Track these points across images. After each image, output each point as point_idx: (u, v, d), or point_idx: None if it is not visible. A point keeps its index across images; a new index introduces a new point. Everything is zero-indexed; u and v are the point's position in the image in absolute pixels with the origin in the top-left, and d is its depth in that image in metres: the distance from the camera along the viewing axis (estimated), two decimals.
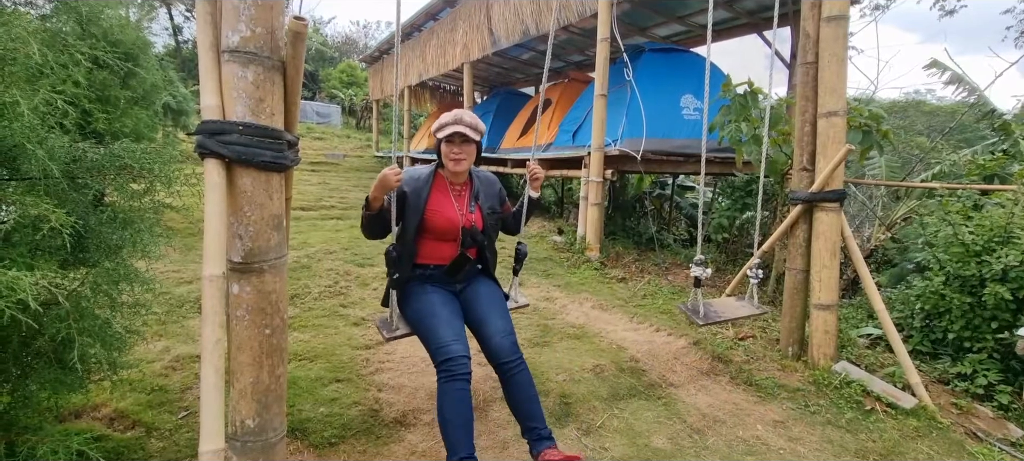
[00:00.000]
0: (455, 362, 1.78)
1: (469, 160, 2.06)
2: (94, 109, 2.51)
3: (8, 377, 1.50)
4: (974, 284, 3.11)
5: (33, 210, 1.25)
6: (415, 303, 2.01)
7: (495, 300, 2.09)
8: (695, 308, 2.60)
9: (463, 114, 2.02)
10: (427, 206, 2.03)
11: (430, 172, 2.10)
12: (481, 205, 2.14)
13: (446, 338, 1.84)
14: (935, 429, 2.55)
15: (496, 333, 1.95)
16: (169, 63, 9.86)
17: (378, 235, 2.05)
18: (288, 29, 1.30)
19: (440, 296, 2.02)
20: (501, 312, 2.05)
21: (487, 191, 2.18)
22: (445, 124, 2.02)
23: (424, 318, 1.94)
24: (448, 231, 2.05)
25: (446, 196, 2.09)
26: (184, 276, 4.09)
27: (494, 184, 2.24)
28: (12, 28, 1.26)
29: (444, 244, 2.07)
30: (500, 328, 1.97)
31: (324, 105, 20.01)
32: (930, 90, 15.31)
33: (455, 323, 1.92)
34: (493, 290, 2.15)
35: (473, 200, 2.13)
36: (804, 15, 3.09)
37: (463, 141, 2.02)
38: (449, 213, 2.06)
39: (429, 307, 1.96)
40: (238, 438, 1.36)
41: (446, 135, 2.01)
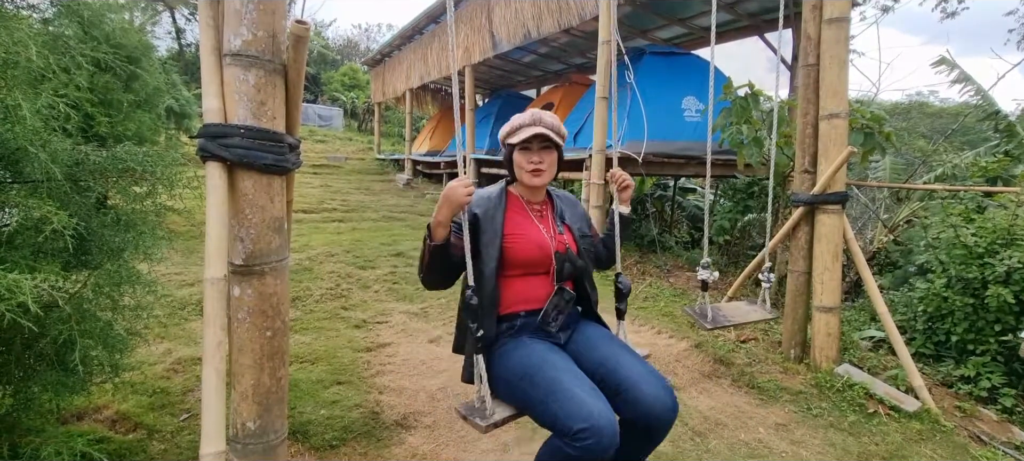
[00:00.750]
0: (598, 431, 1.21)
1: (550, 172, 1.63)
2: (97, 112, 2.52)
3: (11, 379, 1.50)
4: (977, 286, 3.10)
5: (36, 213, 1.26)
6: (515, 362, 1.46)
7: (618, 341, 1.61)
8: (703, 312, 2.60)
9: (542, 113, 1.61)
10: (506, 229, 1.57)
11: (500, 190, 1.67)
12: (569, 225, 1.69)
13: (578, 393, 1.28)
14: (938, 432, 2.54)
15: (644, 380, 1.40)
16: (172, 66, 9.89)
17: (441, 280, 1.56)
18: (290, 33, 1.30)
19: (547, 345, 1.51)
20: (631, 351, 1.54)
21: (571, 211, 1.74)
22: (521, 126, 1.60)
23: (536, 374, 1.38)
24: (538, 260, 1.58)
25: (526, 217, 1.64)
26: (186, 278, 4.10)
27: (576, 204, 1.80)
28: (14, 32, 1.26)
29: (534, 280, 1.59)
30: (646, 373, 1.42)
31: (326, 108, 20.05)
32: (933, 92, 15.28)
33: (581, 374, 1.40)
34: (606, 332, 1.66)
35: (558, 220, 1.69)
36: (805, 17, 3.09)
37: (544, 146, 1.60)
38: (536, 236, 1.59)
39: (539, 357, 1.43)
40: (239, 440, 1.36)
41: (523, 139, 1.57)
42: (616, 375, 1.43)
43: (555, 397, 1.30)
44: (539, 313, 1.56)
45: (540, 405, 1.34)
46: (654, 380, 1.41)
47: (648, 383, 1.39)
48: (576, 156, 6.17)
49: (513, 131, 1.61)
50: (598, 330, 1.65)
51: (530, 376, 1.39)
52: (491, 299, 1.51)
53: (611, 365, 1.47)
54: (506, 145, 1.65)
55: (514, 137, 1.59)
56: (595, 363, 1.49)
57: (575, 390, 1.29)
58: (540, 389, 1.34)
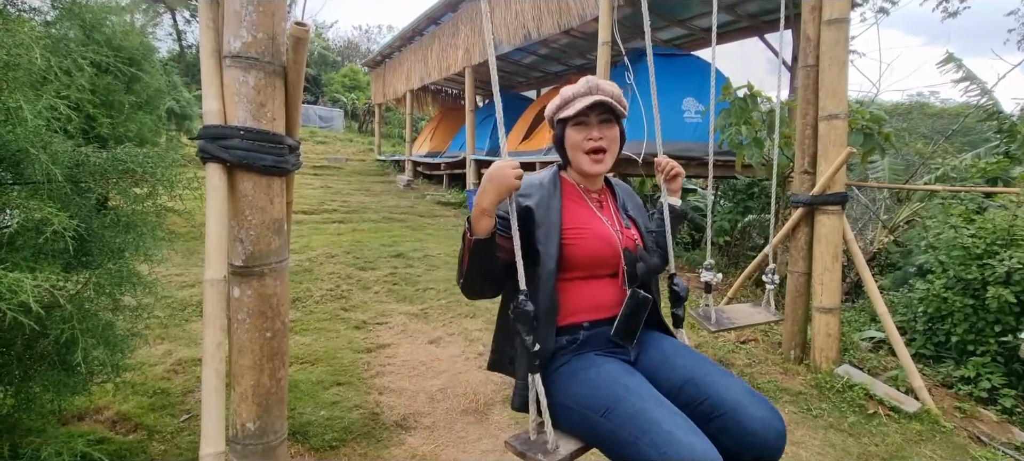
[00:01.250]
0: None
1: (613, 152, 1.34)
2: (98, 114, 2.53)
3: (12, 379, 1.51)
4: (977, 287, 3.10)
5: (36, 214, 1.27)
6: (581, 386, 1.19)
7: (698, 354, 1.32)
8: (707, 314, 2.60)
9: (599, 80, 1.33)
10: (564, 222, 1.28)
11: (553, 175, 1.39)
12: (635, 218, 1.44)
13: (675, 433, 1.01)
14: (938, 433, 2.54)
15: (748, 402, 1.13)
16: (173, 68, 9.91)
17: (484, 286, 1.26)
18: (290, 34, 1.31)
19: (621, 366, 1.23)
20: (722, 369, 1.25)
21: (632, 202, 1.49)
22: (575, 96, 1.31)
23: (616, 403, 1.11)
24: (607, 258, 1.31)
25: (586, 207, 1.36)
26: (186, 279, 4.10)
27: (634, 195, 1.54)
28: (16, 34, 1.27)
29: (599, 284, 1.32)
30: (747, 393, 1.16)
31: (327, 109, 20.09)
32: (934, 92, 15.29)
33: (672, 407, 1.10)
34: (681, 344, 1.39)
35: (623, 212, 1.42)
36: (804, 19, 3.10)
37: (603, 119, 1.32)
38: (601, 230, 1.32)
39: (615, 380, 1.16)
40: (239, 441, 1.36)
41: (578, 111, 1.28)
42: (710, 398, 1.15)
43: (644, 434, 1.03)
44: (607, 323, 1.29)
45: (625, 446, 1.06)
46: (759, 402, 1.14)
47: (754, 406, 1.12)
48: None
49: (565, 103, 1.33)
50: (670, 341, 1.38)
51: (607, 407, 1.11)
52: (549, 307, 1.23)
53: (702, 385, 1.18)
54: (556, 122, 1.37)
55: (567, 109, 1.31)
56: (679, 383, 1.21)
57: (668, 425, 1.03)
58: (624, 424, 1.07)
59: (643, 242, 1.40)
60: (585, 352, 1.27)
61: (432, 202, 9.32)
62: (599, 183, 1.43)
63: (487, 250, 1.16)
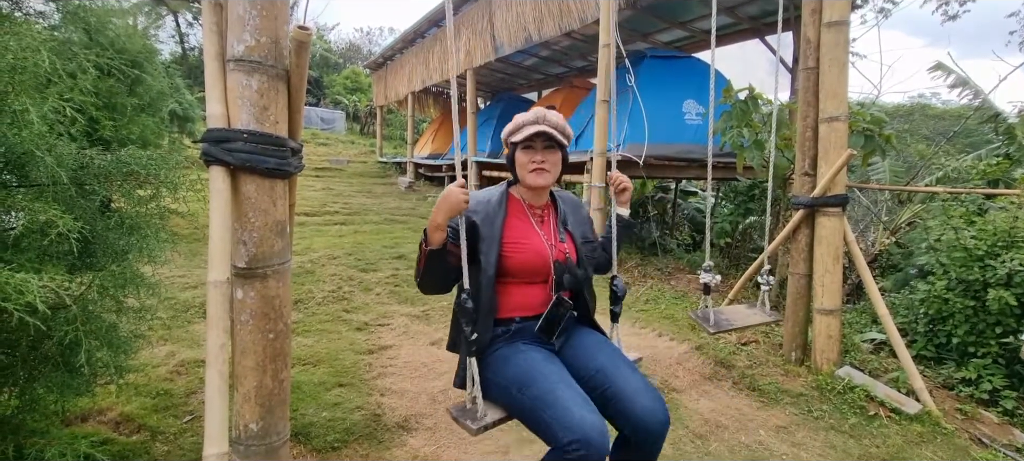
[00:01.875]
0: (589, 444, 1.21)
1: (554, 173, 1.58)
2: (101, 116, 2.54)
3: (16, 380, 1.52)
4: (977, 289, 3.10)
5: (41, 216, 1.28)
6: (509, 369, 1.44)
7: (611, 349, 1.58)
8: (706, 315, 2.60)
9: (547, 111, 1.57)
10: (504, 236, 1.53)
11: (502, 194, 1.61)
12: (572, 232, 1.64)
13: (571, 407, 1.27)
14: (939, 434, 2.54)
15: (639, 393, 1.39)
16: (175, 70, 9.94)
17: (440, 285, 1.52)
18: (292, 38, 1.32)
19: (541, 353, 1.48)
20: (628, 363, 1.52)
21: (575, 216, 1.69)
22: (524, 124, 1.55)
23: (531, 384, 1.36)
24: (537, 269, 1.54)
25: (526, 223, 1.59)
26: (189, 281, 4.12)
27: (580, 207, 1.75)
28: (22, 38, 1.29)
29: (531, 288, 1.56)
30: (641, 386, 1.41)
31: (328, 111, 20.11)
32: (936, 94, 15.28)
33: (575, 385, 1.37)
34: (602, 339, 1.64)
35: (561, 226, 1.64)
36: (804, 21, 3.11)
37: (547, 146, 1.55)
38: (535, 244, 1.55)
39: (533, 365, 1.42)
40: (241, 442, 1.37)
41: (526, 137, 1.52)
42: (611, 386, 1.42)
43: (547, 408, 1.30)
44: (536, 319, 1.54)
45: (532, 414, 1.34)
46: (648, 393, 1.40)
47: (642, 395, 1.39)
48: (577, 159, 6.18)
49: (516, 129, 1.57)
50: (594, 337, 1.63)
51: (523, 385, 1.38)
52: (488, 305, 1.49)
53: (607, 375, 1.45)
54: (509, 144, 1.60)
55: (517, 135, 1.55)
56: (591, 371, 1.48)
57: (567, 402, 1.29)
58: (533, 399, 1.34)
59: (576, 253, 1.61)
60: (515, 341, 1.52)
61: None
62: (544, 198, 1.65)
63: (439, 257, 1.42)
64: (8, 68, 1.26)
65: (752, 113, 4.36)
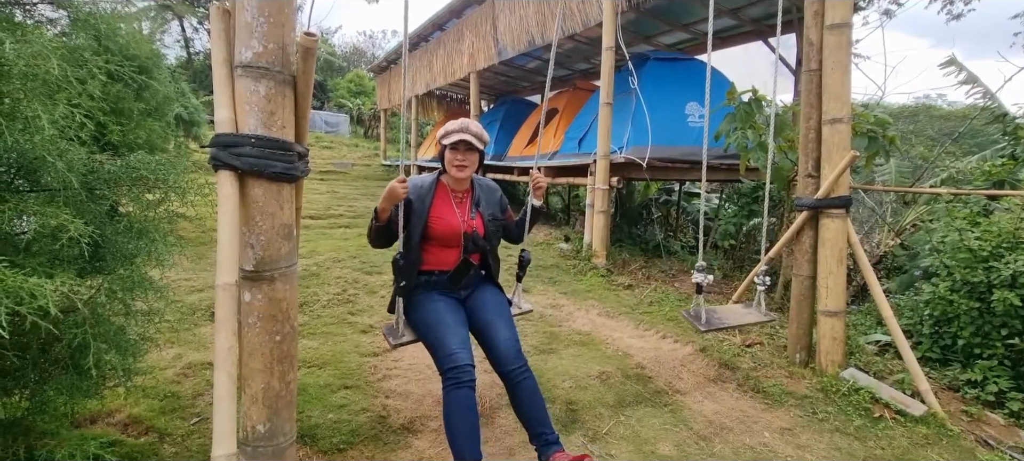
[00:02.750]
0: (460, 370, 1.81)
1: (471, 168, 2.11)
2: (109, 121, 2.57)
3: (27, 383, 1.54)
4: (982, 290, 3.09)
5: (53, 221, 1.29)
6: (421, 311, 2.04)
7: (500, 307, 2.13)
8: (698, 314, 2.61)
9: (470, 123, 2.07)
10: (430, 212, 2.08)
11: (433, 180, 2.16)
12: (482, 212, 2.18)
13: (452, 346, 1.86)
14: (945, 436, 2.53)
15: (501, 340, 1.98)
16: (181, 75, 10.01)
17: (384, 245, 2.13)
18: (298, 44, 1.34)
19: (446, 303, 2.05)
20: (506, 319, 2.08)
21: (488, 198, 2.23)
22: (451, 131, 2.06)
23: (430, 326, 1.97)
24: (451, 237, 2.10)
25: (448, 203, 2.14)
26: (196, 284, 4.14)
27: (495, 191, 2.29)
28: (33, 45, 1.31)
29: (447, 251, 2.12)
30: (505, 336, 2.00)
31: (333, 114, 20.20)
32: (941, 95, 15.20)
33: (461, 331, 1.95)
34: (498, 297, 2.19)
35: (474, 207, 2.18)
36: (807, 23, 3.11)
37: (467, 149, 2.07)
38: (451, 219, 2.11)
39: (435, 315, 1.99)
40: (249, 443, 1.39)
41: (451, 142, 2.04)
42: (489, 334, 2.02)
43: (437, 342, 1.91)
44: (448, 274, 2.10)
45: (429, 346, 1.96)
46: (509, 342, 1.97)
47: (504, 342, 1.97)
48: (581, 161, 6.20)
49: (447, 134, 2.06)
50: (493, 294, 2.18)
51: (427, 324, 1.98)
52: (415, 259, 2.06)
53: (490, 328, 2.02)
54: (440, 144, 2.10)
55: (446, 139, 2.05)
56: (482, 323, 2.06)
57: (451, 342, 1.87)
58: (431, 335, 1.95)
59: (484, 228, 2.16)
60: (432, 291, 2.10)
61: None
62: (465, 185, 2.18)
63: (385, 229, 2.06)
64: (20, 75, 1.28)
65: (756, 115, 4.36)
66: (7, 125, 1.23)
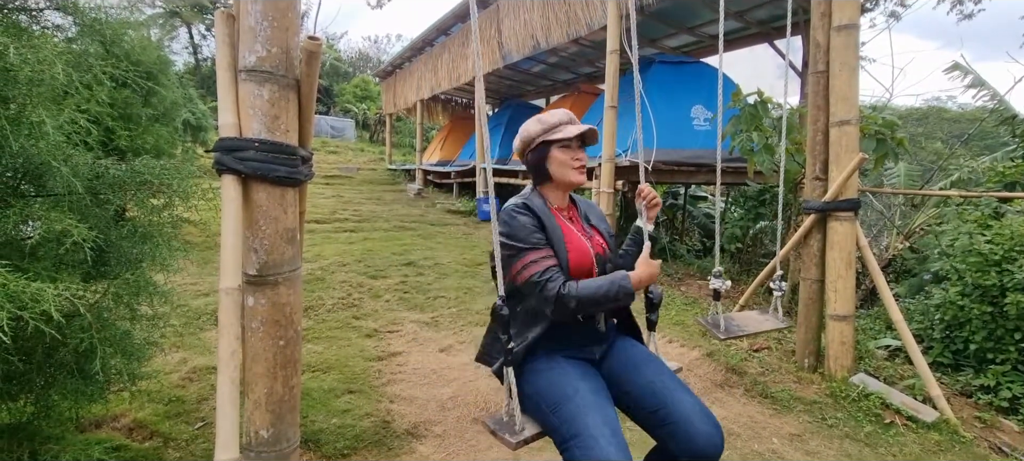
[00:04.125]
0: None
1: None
2: (117, 126, 2.58)
3: (32, 387, 1.54)
4: (995, 294, 3.05)
5: (57, 225, 1.30)
6: (543, 383, 1.41)
7: (659, 363, 1.51)
8: (715, 322, 2.57)
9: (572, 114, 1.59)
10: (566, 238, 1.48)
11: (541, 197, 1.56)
12: (597, 227, 1.61)
13: (599, 440, 1.22)
14: (958, 443, 2.49)
15: (697, 417, 1.33)
16: (189, 81, 10.10)
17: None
18: (302, 48, 1.34)
19: (578, 368, 1.44)
20: (680, 383, 1.44)
21: (594, 213, 1.67)
22: (560, 123, 1.54)
23: (562, 402, 1.34)
24: (583, 269, 1.48)
25: (563, 224, 1.54)
26: (201, 288, 4.16)
27: (594, 205, 1.73)
28: (40, 51, 1.31)
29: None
30: (698, 410, 1.35)
31: (338, 119, 20.31)
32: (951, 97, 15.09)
33: (607, 409, 1.33)
34: (646, 352, 1.58)
35: (585, 222, 1.61)
36: (814, 25, 3.09)
37: (582, 144, 1.57)
38: (580, 243, 1.50)
39: (567, 385, 1.37)
40: (252, 448, 1.38)
41: (564, 137, 1.51)
42: (665, 407, 1.37)
43: (577, 438, 1.25)
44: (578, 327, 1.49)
45: (561, 440, 1.31)
46: (705, 418, 1.34)
47: (700, 421, 1.33)
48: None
49: (552, 128, 1.53)
50: (636, 347, 1.57)
51: (556, 406, 1.34)
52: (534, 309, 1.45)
53: (660, 394, 1.39)
54: (540, 145, 1.54)
55: (555, 133, 1.52)
56: (640, 389, 1.43)
57: (596, 435, 1.24)
58: (564, 423, 1.30)
59: (608, 245, 1.57)
60: (555, 355, 1.46)
61: (442, 211, 9.36)
62: (566, 199, 1.62)
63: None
64: (26, 81, 1.28)
65: (762, 117, 4.33)
66: (13, 130, 1.24)
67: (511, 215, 1.46)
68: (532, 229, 1.43)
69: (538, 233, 1.43)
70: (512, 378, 1.39)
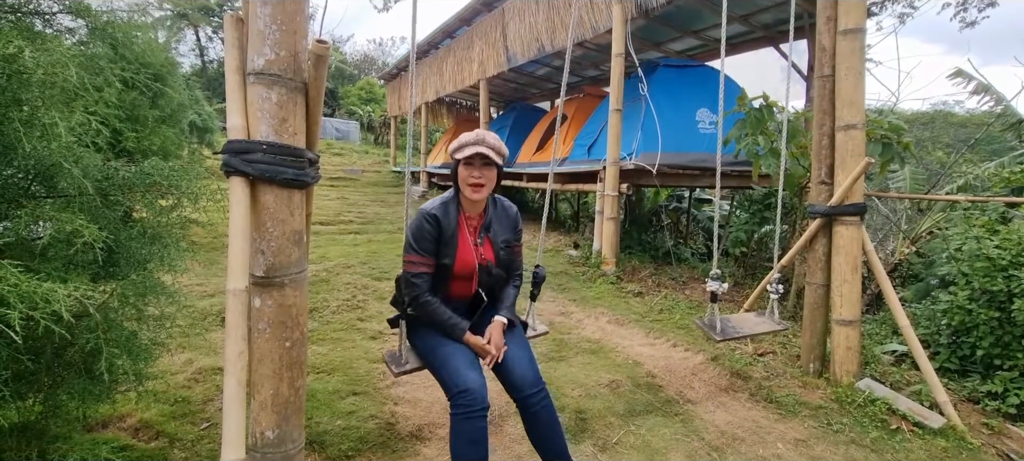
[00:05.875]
0: (471, 394, 1.63)
1: (489, 186, 1.85)
2: (124, 128, 2.61)
3: (40, 387, 1.55)
4: (1002, 299, 3.02)
5: (68, 226, 1.31)
6: (427, 335, 1.86)
7: (514, 329, 1.94)
8: (712, 323, 2.57)
9: (486, 134, 1.83)
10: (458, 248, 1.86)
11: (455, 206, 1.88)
12: (491, 237, 1.94)
13: (461, 368, 1.70)
14: (965, 450, 2.47)
15: (518, 363, 1.80)
16: (195, 83, 10.16)
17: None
18: (310, 52, 1.35)
19: None
20: (520, 341, 1.90)
21: (502, 221, 1.98)
22: (465, 144, 1.80)
23: (437, 347, 1.80)
24: (466, 273, 1.89)
25: (463, 232, 1.89)
26: (207, 289, 4.18)
27: (511, 211, 2.02)
28: (52, 53, 1.33)
29: (461, 282, 1.92)
30: (521, 357, 1.82)
31: (343, 122, 20.38)
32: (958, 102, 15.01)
33: (469, 353, 1.79)
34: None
35: (483, 230, 1.93)
36: (819, 29, 3.08)
37: (485, 164, 1.81)
38: (467, 255, 1.88)
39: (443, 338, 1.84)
40: (258, 449, 1.38)
41: (466, 156, 1.78)
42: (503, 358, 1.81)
43: (445, 367, 1.73)
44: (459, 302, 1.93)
45: (436, 371, 1.78)
46: (526, 364, 1.81)
47: (521, 365, 1.80)
48: (590, 168, 6.19)
49: (459, 147, 1.81)
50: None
51: (434, 349, 1.81)
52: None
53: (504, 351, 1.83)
54: (453, 159, 1.84)
55: (460, 153, 1.80)
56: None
57: (459, 365, 1.71)
58: (438, 360, 1.77)
59: (495, 256, 1.93)
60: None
61: None
62: (479, 208, 1.92)
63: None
64: (38, 83, 1.30)
65: (767, 121, 4.33)
66: (25, 132, 1.25)
67: (420, 220, 1.82)
68: (427, 237, 1.80)
69: (429, 242, 1.81)
70: (404, 328, 1.90)
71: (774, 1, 5.72)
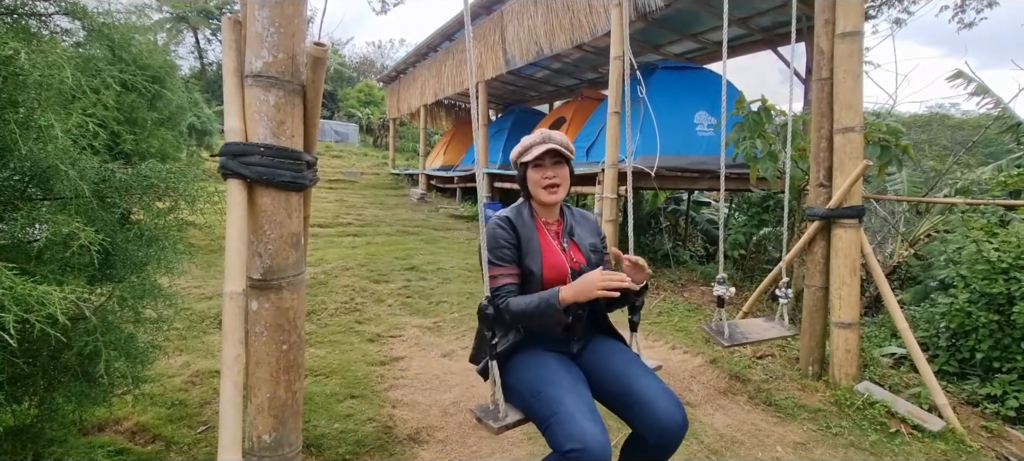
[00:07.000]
0: (589, 452, 1.28)
1: (565, 187, 1.68)
2: (122, 130, 2.60)
3: (36, 390, 1.54)
4: (1001, 302, 3.02)
5: (64, 228, 1.31)
6: (525, 374, 1.53)
7: (629, 354, 1.67)
8: (719, 329, 2.56)
9: (550, 132, 1.68)
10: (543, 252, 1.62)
11: (529, 210, 1.71)
12: (577, 241, 1.72)
13: (575, 415, 1.34)
14: (964, 453, 2.47)
15: (659, 397, 1.47)
16: (194, 85, 10.17)
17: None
18: (308, 54, 1.34)
19: (557, 359, 1.57)
20: (645, 368, 1.59)
21: (582, 225, 1.79)
22: (532, 145, 1.65)
23: (541, 389, 1.45)
24: (557, 280, 1.61)
25: (545, 237, 1.68)
26: (205, 292, 4.17)
27: (589, 216, 1.85)
28: (49, 55, 1.32)
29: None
30: (660, 390, 1.49)
31: (342, 124, 20.37)
32: (954, 104, 15.06)
33: (583, 392, 1.46)
34: (619, 346, 1.72)
35: (566, 236, 1.72)
36: (818, 32, 3.09)
37: (556, 162, 1.66)
38: (554, 259, 1.63)
39: (546, 373, 1.50)
40: (255, 453, 1.37)
41: (535, 157, 1.62)
42: (630, 391, 1.50)
43: (555, 416, 1.37)
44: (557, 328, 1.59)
45: (542, 421, 1.42)
46: (667, 397, 1.47)
47: (662, 400, 1.46)
48: (588, 170, 6.18)
49: (525, 150, 1.67)
50: (611, 344, 1.70)
51: (537, 392, 1.46)
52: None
53: (626, 380, 1.53)
54: (519, 165, 1.69)
55: (527, 155, 1.65)
56: (610, 376, 1.56)
57: (573, 411, 1.36)
58: (544, 405, 1.42)
59: (587, 260, 1.69)
60: (535, 348, 1.60)
61: (445, 215, 9.37)
62: (556, 213, 1.74)
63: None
64: (35, 85, 1.29)
65: (765, 124, 4.33)
66: (21, 134, 1.25)
67: (493, 227, 1.61)
68: (505, 244, 1.58)
69: (509, 248, 1.58)
70: (496, 371, 1.51)
71: (772, 4, 5.74)
